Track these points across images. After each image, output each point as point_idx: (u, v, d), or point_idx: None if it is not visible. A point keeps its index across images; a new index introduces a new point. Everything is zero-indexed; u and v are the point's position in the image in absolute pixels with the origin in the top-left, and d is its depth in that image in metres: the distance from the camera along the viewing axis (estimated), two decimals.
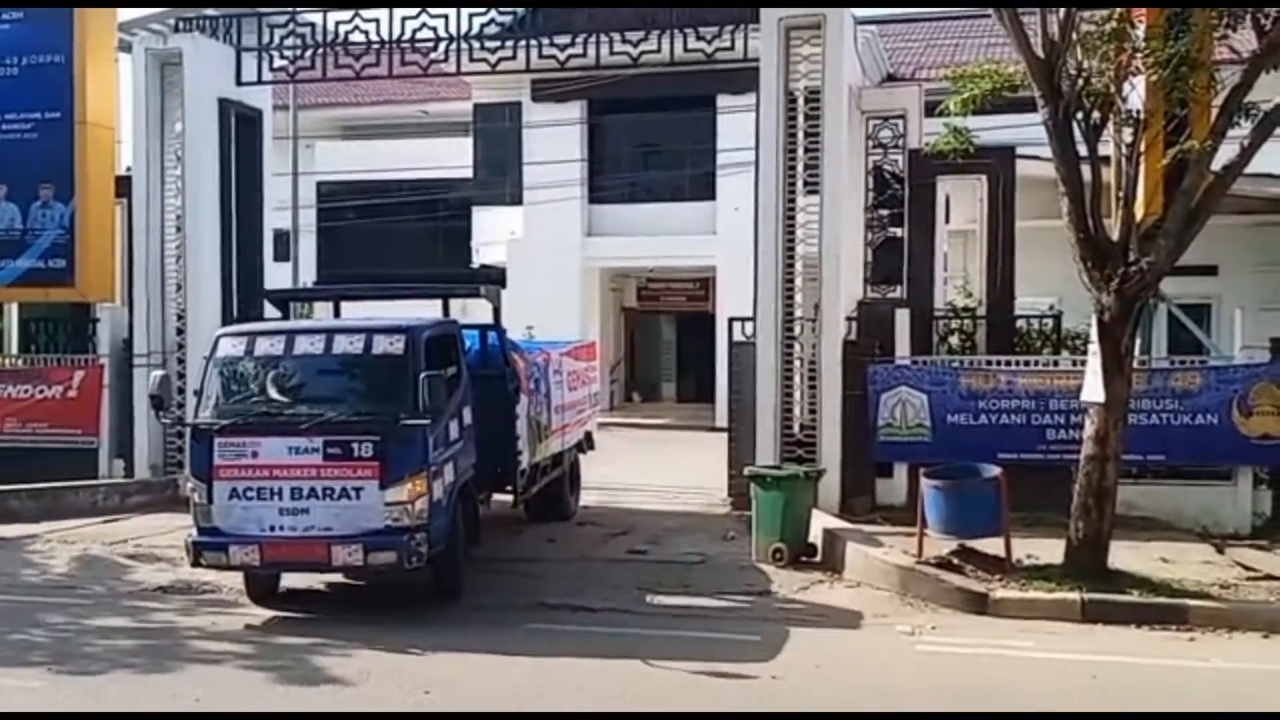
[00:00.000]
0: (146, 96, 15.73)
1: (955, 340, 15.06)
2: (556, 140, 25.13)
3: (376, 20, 15.20)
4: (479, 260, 27.11)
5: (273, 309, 13.58)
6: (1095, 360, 10.27)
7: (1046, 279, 15.67)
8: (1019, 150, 15.01)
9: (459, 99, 27.23)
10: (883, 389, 13.49)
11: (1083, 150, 10.23)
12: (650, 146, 26.71)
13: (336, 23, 15.58)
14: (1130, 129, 10.18)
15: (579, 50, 15.07)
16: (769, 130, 13.54)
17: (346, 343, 9.89)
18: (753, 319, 13.81)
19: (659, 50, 14.73)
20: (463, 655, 8.68)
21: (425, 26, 15.13)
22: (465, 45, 15.36)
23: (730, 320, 14.81)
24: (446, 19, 15.12)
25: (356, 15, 15.30)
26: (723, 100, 23.24)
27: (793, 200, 13.58)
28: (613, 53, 14.98)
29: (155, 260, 15.74)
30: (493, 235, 26.60)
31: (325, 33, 15.81)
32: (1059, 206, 10.28)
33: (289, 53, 15.93)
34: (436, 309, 12.30)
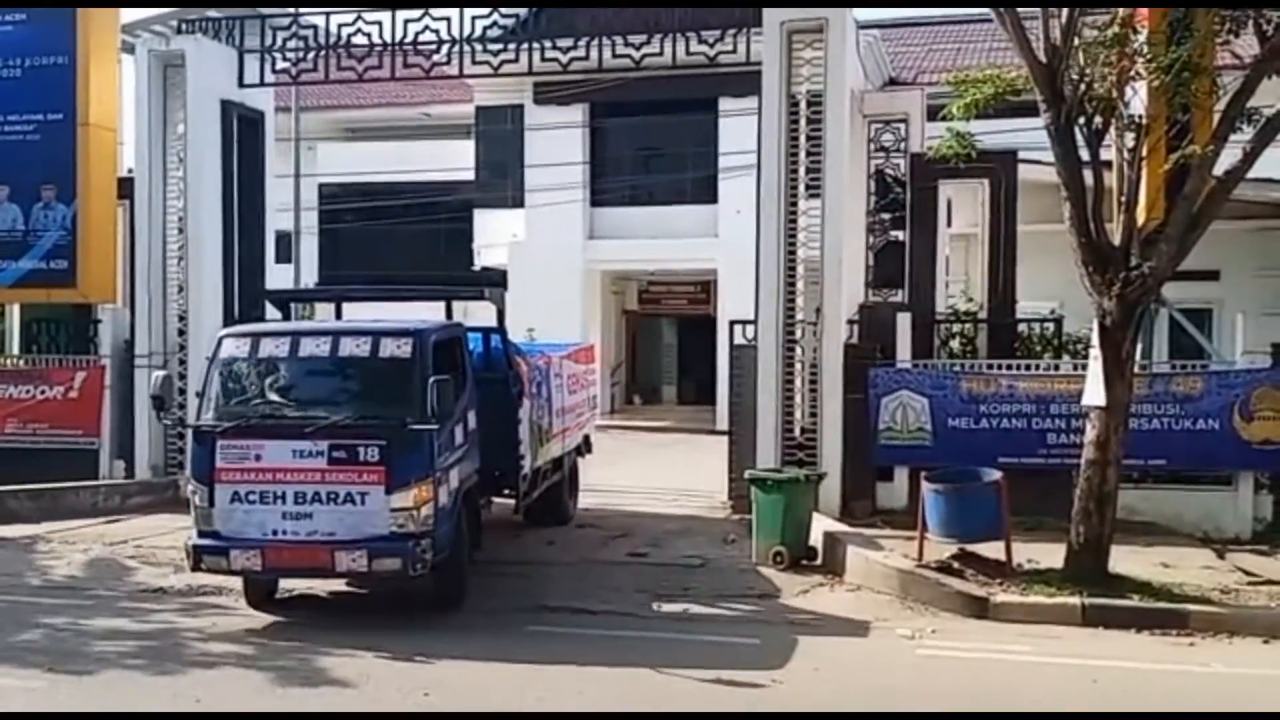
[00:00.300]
0: (149, 98, 15.75)
1: (956, 344, 15.06)
2: (558, 143, 25.17)
3: (379, 23, 15.25)
4: (480, 263, 27.13)
5: (274, 310, 13.54)
6: (1096, 365, 10.27)
7: (1048, 283, 15.67)
8: (1021, 154, 15.02)
9: (461, 101, 27.26)
10: (884, 392, 13.50)
11: (1085, 155, 10.25)
12: (652, 149, 26.74)
13: (339, 25, 15.60)
14: (1132, 134, 10.20)
15: (581, 53, 15.08)
16: (771, 133, 13.55)
17: (353, 345, 9.77)
18: (754, 322, 13.81)
19: (661, 53, 14.76)
20: (463, 657, 8.66)
21: (428, 29, 15.16)
22: (467, 48, 15.38)
23: (731, 323, 14.81)
24: (449, 21, 15.14)
25: (359, 18, 15.32)
26: (724, 103, 23.25)
27: (794, 204, 13.58)
28: (615, 56, 14.99)
29: (157, 261, 15.76)
30: (494, 238, 26.62)
31: (328, 35, 15.82)
32: (1061, 211, 10.29)
33: (291, 55, 15.94)
34: (433, 311, 12.13)
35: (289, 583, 10.47)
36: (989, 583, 10.15)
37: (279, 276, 18.61)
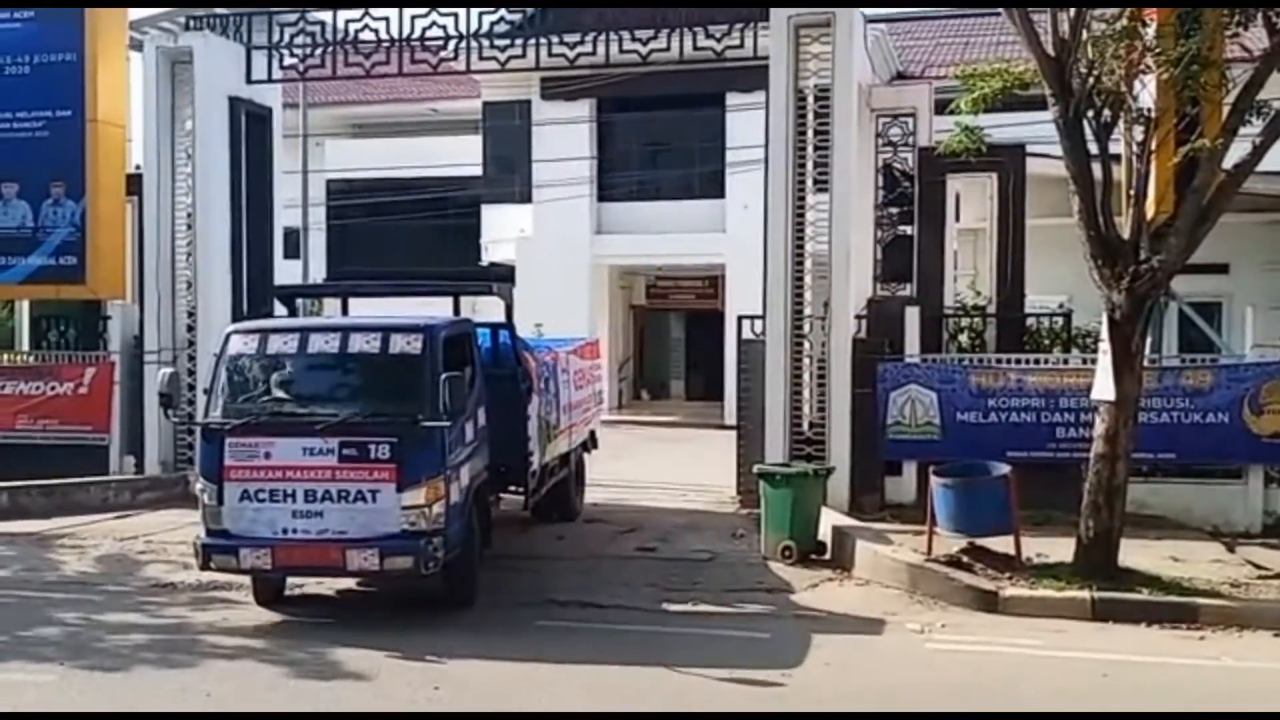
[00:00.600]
0: (157, 95, 15.78)
1: (965, 338, 15.04)
2: (566, 138, 25.18)
3: (386, 18, 15.26)
4: (488, 258, 27.14)
5: (281, 306, 13.53)
6: (1106, 358, 10.25)
7: (1057, 277, 15.63)
8: (1029, 148, 14.99)
9: (468, 97, 27.28)
10: (892, 387, 13.48)
11: (1094, 148, 10.21)
12: (659, 144, 26.72)
13: (346, 21, 15.60)
14: (1141, 127, 10.16)
15: (588, 48, 15.09)
16: (778, 128, 13.53)
17: (363, 341, 9.67)
18: (762, 317, 13.82)
19: (668, 48, 14.76)
20: (473, 652, 8.66)
21: (435, 25, 15.18)
22: (475, 43, 15.39)
23: (739, 318, 14.82)
24: (456, 17, 15.16)
25: (366, 13, 15.34)
26: (732, 98, 23.23)
27: (802, 198, 13.58)
28: (622, 51, 15.01)
29: (166, 258, 15.80)
30: (502, 233, 26.64)
31: (335, 31, 15.84)
32: (1069, 204, 10.26)
33: (299, 51, 15.99)
34: (439, 306, 12.07)
35: (296, 579, 10.46)
36: (998, 577, 10.14)
37: (287, 272, 18.68)
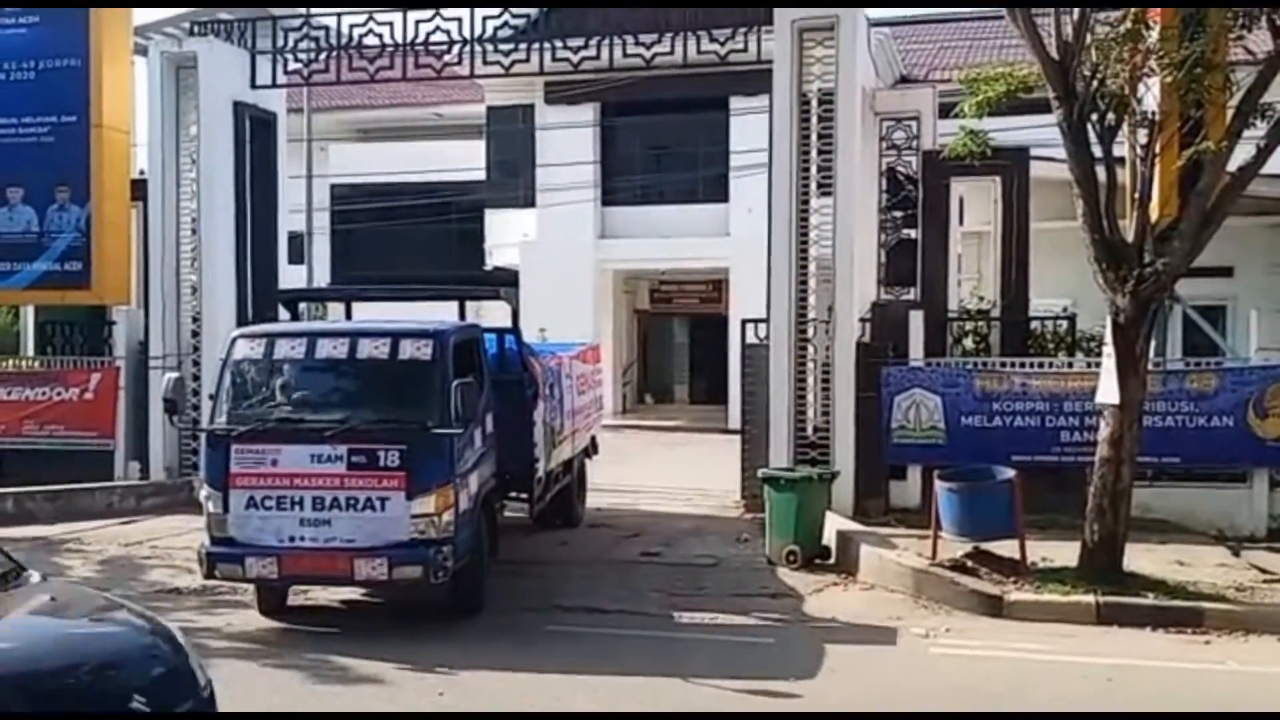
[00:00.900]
0: (162, 100, 15.81)
1: (969, 342, 15.04)
2: (570, 142, 25.18)
3: (390, 23, 15.26)
4: (492, 263, 27.16)
5: (284, 312, 13.48)
6: (1110, 362, 10.24)
7: (1061, 280, 15.64)
8: (1033, 151, 15.00)
9: (472, 101, 27.27)
10: (896, 391, 13.47)
11: (1098, 151, 10.21)
12: (663, 148, 26.72)
13: (350, 26, 15.65)
14: (1145, 130, 10.16)
15: (592, 53, 15.10)
16: (782, 132, 13.54)
17: (372, 346, 9.52)
18: (766, 321, 13.81)
19: (672, 52, 14.76)
20: (478, 658, 8.67)
21: (439, 29, 15.18)
22: (479, 48, 15.40)
23: (743, 322, 14.82)
24: (460, 22, 15.15)
25: (370, 18, 15.37)
26: (736, 102, 23.23)
27: (806, 202, 13.58)
28: (626, 55, 15.01)
29: (171, 263, 15.82)
30: (506, 237, 26.64)
31: (339, 36, 15.86)
32: (1074, 208, 10.26)
33: (303, 56, 16.00)
34: (443, 311, 11.96)
35: (300, 589, 10.39)
36: (1003, 581, 10.13)
37: (292, 277, 18.64)
